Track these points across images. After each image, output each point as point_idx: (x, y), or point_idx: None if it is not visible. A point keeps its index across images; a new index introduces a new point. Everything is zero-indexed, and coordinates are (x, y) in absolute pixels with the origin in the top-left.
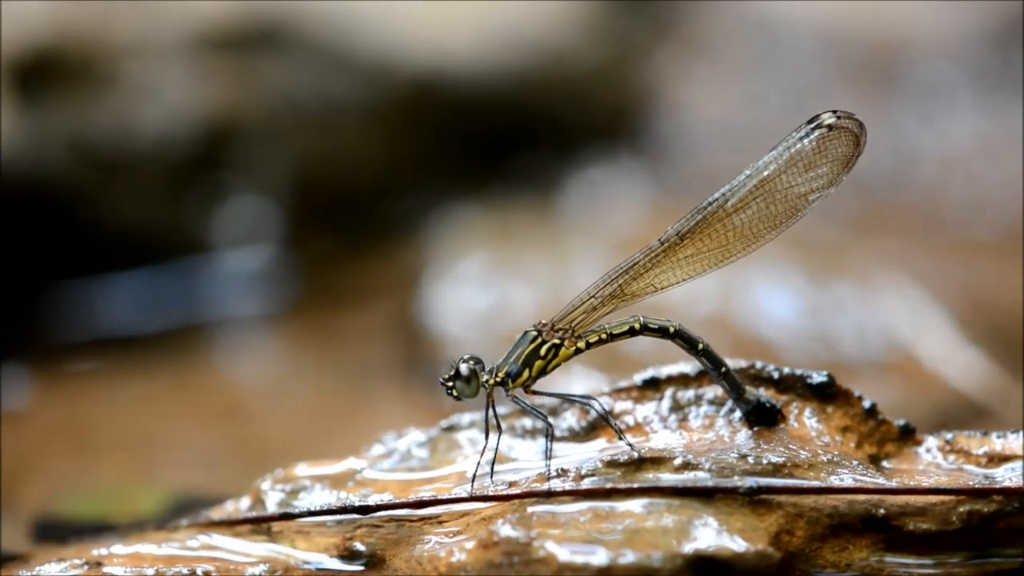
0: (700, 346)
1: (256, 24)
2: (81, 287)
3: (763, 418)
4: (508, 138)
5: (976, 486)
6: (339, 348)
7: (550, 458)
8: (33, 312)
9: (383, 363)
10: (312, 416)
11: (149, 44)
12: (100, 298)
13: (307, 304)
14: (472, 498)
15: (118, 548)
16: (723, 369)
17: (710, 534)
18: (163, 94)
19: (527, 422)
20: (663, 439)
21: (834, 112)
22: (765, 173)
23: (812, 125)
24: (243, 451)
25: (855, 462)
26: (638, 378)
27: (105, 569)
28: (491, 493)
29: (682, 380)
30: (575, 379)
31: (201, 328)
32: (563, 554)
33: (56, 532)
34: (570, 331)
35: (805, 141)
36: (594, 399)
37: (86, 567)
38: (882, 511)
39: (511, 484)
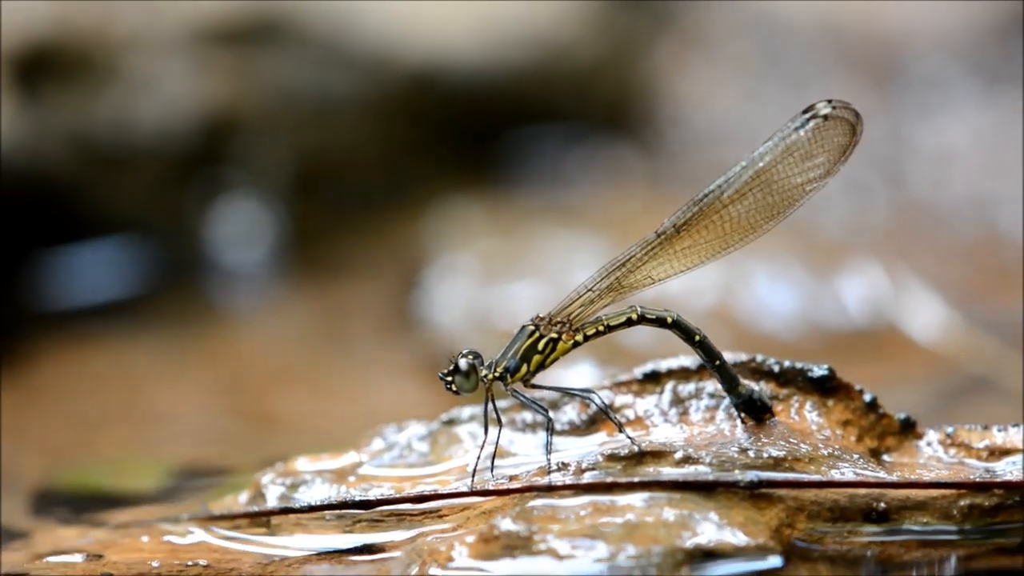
0: (697, 337)
1: (255, 18)
2: (81, 254)
3: (752, 412)
4: (507, 132)
5: (977, 480)
6: (339, 329)
7: (550, 452)
8: (32, 294)
9: (384, 356)
10: (312, 400)
11: (149, 38)
12: (101, 267)
13: (307, 292)
14: (473, 492)
15: (118, 541)
16: (717, 362)
17: (711, 528)
18: (162, 88)
19: (527, 416)
20: (664, 433)
21: (829, 101)
22: (761, 164)
23: (808, 115)
24: (244, 425)
25: (856, 456)
26: (638, 372)
27: (105, 562)
28: (491, 487)
29: (683, 374)
30: (576, 371)
31: (202, 314)
32: (564, 548)
33: (56, 506)
34: (567, 324)
35: (801, 131)
36: (594, 392)
37: (86, 560)
38: (883, 505)
39: (511, 478)
